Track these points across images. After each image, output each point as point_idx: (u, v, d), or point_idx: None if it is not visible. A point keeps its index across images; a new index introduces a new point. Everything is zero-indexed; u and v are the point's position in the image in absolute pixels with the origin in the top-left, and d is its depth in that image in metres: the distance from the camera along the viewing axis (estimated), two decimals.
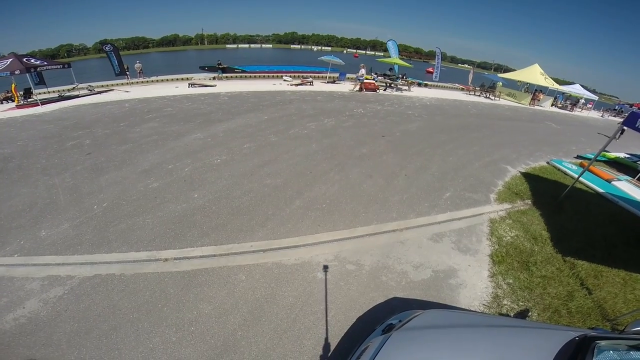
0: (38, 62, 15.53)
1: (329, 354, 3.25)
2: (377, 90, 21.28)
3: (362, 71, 20.36)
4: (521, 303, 4.10)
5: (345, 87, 22.18)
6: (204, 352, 3.20)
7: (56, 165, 7.39)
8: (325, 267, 4.46)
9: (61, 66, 16.92)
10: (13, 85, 15.31)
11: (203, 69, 26.75)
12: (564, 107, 27.32)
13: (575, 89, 27.65)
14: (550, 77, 24.77)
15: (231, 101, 15.04)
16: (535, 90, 25.52)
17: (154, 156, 7.95)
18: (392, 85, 23.14)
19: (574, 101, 28.63)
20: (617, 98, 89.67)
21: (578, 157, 11.34)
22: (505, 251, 5.09)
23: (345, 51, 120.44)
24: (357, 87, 20.64)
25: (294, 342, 3.35)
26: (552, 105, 26.80)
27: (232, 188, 6.46)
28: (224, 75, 24.71)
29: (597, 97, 30.76)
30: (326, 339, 3.40)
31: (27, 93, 16.07)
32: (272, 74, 26.36)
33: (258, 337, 3.38)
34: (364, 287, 4.17)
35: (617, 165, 10.84)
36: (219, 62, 25.19)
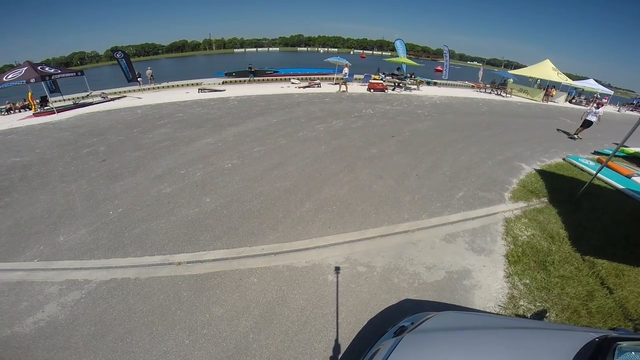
0: (52, 70, 15.96)
1: (340, 357, 3.23)
2: (386, 90, 21.18)
3: (346, 70, 19.95)
4: (538, 304, 4.00)
5: (353, 88, 22.12)
6: (216, 354, 3.22)
7: (73, 172, 7.59)
8: (336, 269, 4.44)
9: (75, 74, 17.41)
10: (29, 93, 15.79)
11: (230, 74, 26.60)
12: (578, 103, 26.65)
13: (590, 84, 26.90)
14: (563, 73, 24.21)
15: (240, 105, 15.18)
16: (547, 86, 25.01)
17: (166, 162, 8.08)
18: (401, 84, 23.00)
19: (589, 97, 27.88)
20: (634, 92, 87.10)
21: (595, 152, 11.03)
22: (522, 251, 4.97)
23: (352, 52, 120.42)
24: (342, 88, 20.06)
25: (305, 345, 3.34)
26: (566, 100, 26.18)
27: (243, 192, 6.51)
28: (255, 78, 24.90)
29: (613, 92, 29.90)
30: (337, 341, 3.38)
31: (44, 101, 16.56)
32: (285, 77, 26.40)
33: (269, 340, 3.38)
34: (375, 289, 4.13)
35: (637, 160, 10.49)
36: (250, 65, 25.65)
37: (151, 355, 3.20)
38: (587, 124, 12.51)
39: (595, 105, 13.31)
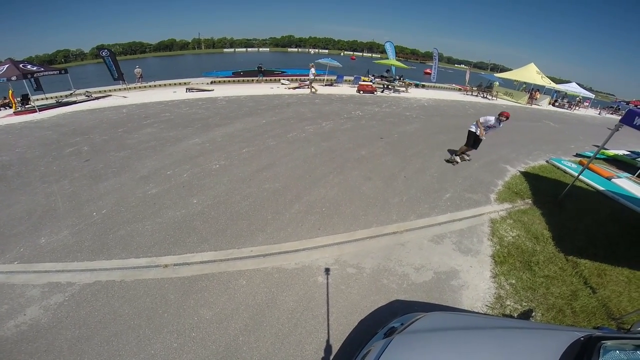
0: (35, 68, 15.49)
1: (331, 358, 3.22)
2: (375, 92, 21.32)
3: (313, 70, 19.50)
4: (524, 303, 4.08)
5: (343, 89, 22.20)
6: (205, 358, 3.17)
7: (55, 173, 7.37)
8: (326, 271, 4.43)
9: (58, 72, 16.94)
10: (10, 91, 15.28)
11: (238, 74, 26.80)
12: (561, 106, 27.39)
13: (572, 88, 27.77)
14: (547, 76, 24.85)
15: (229, 105, 15.04)
16: (532, 89, 25.61)
17: (152, 162, 7.93)
18: (390, 86, 23.20)
19: (572, 100, 28.69)
20: (614, 96, 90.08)
21: (577, 155, 11.33)
22: (507, 251, 5.06)
23: (342, 53, 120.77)
24: (310, 89, 19.68)
25: (295, 347, 3.32)
26: (549, 103, 26.86)
27: (231, 193, 6.44)
28: (264, 78, 25.27)
29: (594, 96, 30.85)
30: (328, 342, 3.37)
31: (25, 99, 16.02)
32: (285, 77, 26.24)
33: (259, 342, 3.35)
34: (365, 290, 4.14)
35: (617, 162, 10.83)
36: (260, 65, 25.97)
37: (138, 359, 3.13)
38: (472, 140, 8.38)
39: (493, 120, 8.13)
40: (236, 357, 3.18)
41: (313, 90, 19.56)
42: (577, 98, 28.59)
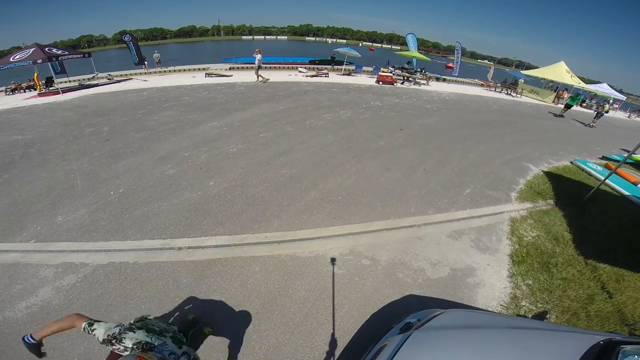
0: (59, 51, 15.80)
1: (342, 351, 3.16)
2: (395, 84, 20.93)
3: (259, 57, 17.51)
4: (540, 305, 3.94)
5: (362, 79, 21.87)
6: (214, 345, 3.13)
7: (75, 151, 7.50)
8: (340, 261, 4.35)
9: (82, 56, 17.30)
10: (35, 74, 15.70)
11: (313, 62, 28.24)
12: (588, 107, 26.18)
13: (603, 88, 26.47)
14: (577, 76, 23.78)
15: (247, 91, 15.03)
16: (558, 88, 24.63)
17: (170, 144, 7.98)
18: (410, 78, 22.72)
19: (600, 101, 27.39)
20: None
21: (603, 157, 10.85)
22: (526, 251, 4.89)
23: (360, 44, 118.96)
24: (259, 79, 17.65)
25: (305, 337, 3.27)
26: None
27: (247, 177, 6.42)
28: (335, 67, 26.28)
29: (625, 97, 29.47)
30: (339, 335, 3.31)
31: (49, 82, 16.42)
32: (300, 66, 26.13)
33: (270, 331, 3.31)
34: (379, 283, 4.06)
35: None
36: (333, 55, 27.59)
37: None
38: None
39: None
40: (245, 346, 3.15)
41: (262, 79, 17.72)
42: (610, 99, 27.24)
